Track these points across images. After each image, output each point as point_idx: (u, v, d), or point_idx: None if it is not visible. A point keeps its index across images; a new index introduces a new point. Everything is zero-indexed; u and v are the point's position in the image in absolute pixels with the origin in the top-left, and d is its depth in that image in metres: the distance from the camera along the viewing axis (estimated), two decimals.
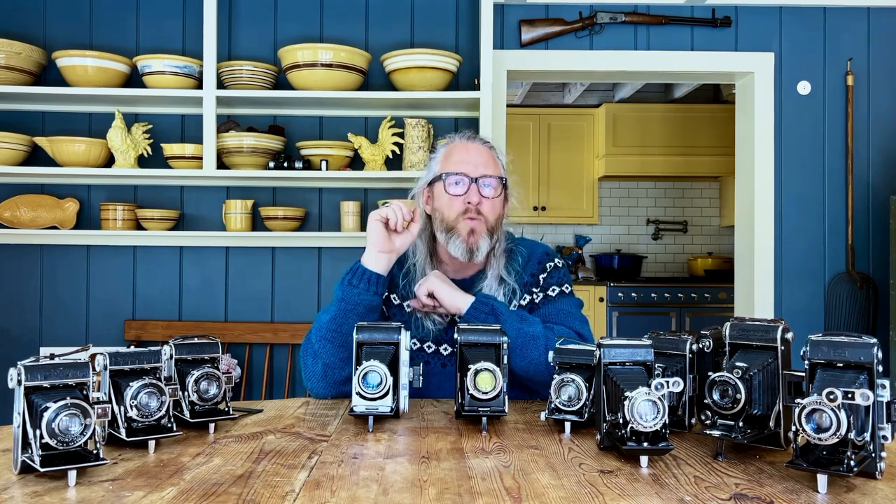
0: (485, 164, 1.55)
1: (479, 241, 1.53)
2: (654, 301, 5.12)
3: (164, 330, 3.04)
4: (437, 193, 1.58)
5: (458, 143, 1.60)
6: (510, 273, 1.58)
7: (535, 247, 1.67)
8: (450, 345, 1.55)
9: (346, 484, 0.88)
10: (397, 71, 2.87)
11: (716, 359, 1.15)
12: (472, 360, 1.20)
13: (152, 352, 1.09)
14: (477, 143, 1.60)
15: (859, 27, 3.31)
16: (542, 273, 1.61)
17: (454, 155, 1.58)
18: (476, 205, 1.52)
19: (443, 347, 1.56)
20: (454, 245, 1.54)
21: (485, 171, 1.54)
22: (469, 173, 1.53)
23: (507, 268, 1.59)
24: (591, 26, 3.22)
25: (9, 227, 3.00)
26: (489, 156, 1.58)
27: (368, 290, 1.47)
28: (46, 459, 0.88)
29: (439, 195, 1.57)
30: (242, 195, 3.10)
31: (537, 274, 1.61)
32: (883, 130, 3.31)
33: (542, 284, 1.60)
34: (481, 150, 1.58)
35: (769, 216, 3.29)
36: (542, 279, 1.61)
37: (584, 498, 0.84)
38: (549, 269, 1.62)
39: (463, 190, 1.53)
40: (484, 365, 1.16)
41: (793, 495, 0.84)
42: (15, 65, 2.81)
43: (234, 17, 3.11)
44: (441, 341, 1.56)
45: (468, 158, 1.56)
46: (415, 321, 1.56)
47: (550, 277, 1.61)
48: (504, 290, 1.57)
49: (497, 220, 1.57)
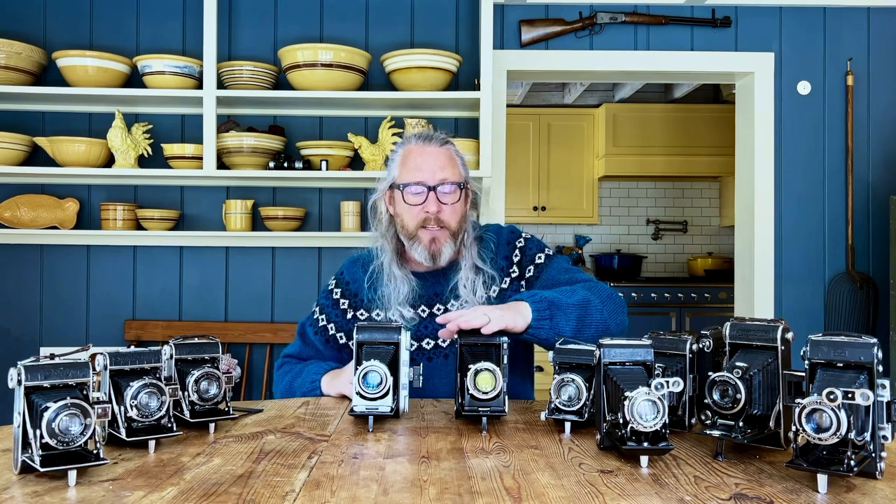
0: (442, 167, 1.52)
1: (442, 248, 1.53)
2: (654, 301, 5.12)
3: (164, 330, 3.04)
4: (397, 200, 1.56)
5: (414, 146, 1.57)
6: (484, 261, 1.57)
7: (500, 230, 1.66)
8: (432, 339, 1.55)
9: (346, 484, 0.88)
10: (397, 71, 2.87)
11: (716, 359, 1.15)
12: (472, 360, 1.20)
13: (152, 352, 1.09)
14: (434, 144, 1.56)
15: (859, 27, 3.31)
16: (513, 254, 1.61)
17: (410, 160, 1.54)
18: (436, 213, 1.51)
19: (441, 341, 1.55)
20: (417, 251, 1.54)
21: (442, 175, 1.51)
22: (426, 181, 1.50)
23: (480, 255, 1.58)
24: (591, 26, 3.22)
25: (9, 227, 3.00)
26: (446, 158, 1.54)
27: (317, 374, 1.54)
28: (46, 459, 0.88)
29: (399, 202, 1.55)
30: (242, 195, 3.10)
31: (510, 255, 1.61)
32: (883, 130, 3.31)
33: (520, 262, 1.60)
34: (438, 153, 1.54)
35: (769, 216, 3.29)
36: (516, 259, 1.60)
37: (584, 498, 0.84)
38: (520, 245, 1.62)
39: (421, 200, 1.51)
40: (484, 365, 1.16)
41: (793, 495, 0.84)
42: (15, 65, 2.81)
43: (234, 17, 3.11)
44: (422, 337, 1.55)
45: (424, 164, 1.52)
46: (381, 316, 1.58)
47: (525, 254, 1.61)
48: (483, 277, 1.56)
49: (459, 222, 1.55)
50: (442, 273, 1.59)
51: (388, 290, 1.56)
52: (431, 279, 1.59)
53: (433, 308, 1.56)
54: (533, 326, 1.35)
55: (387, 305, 1.56)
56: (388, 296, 1.56)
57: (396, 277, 1.56)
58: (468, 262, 1.57)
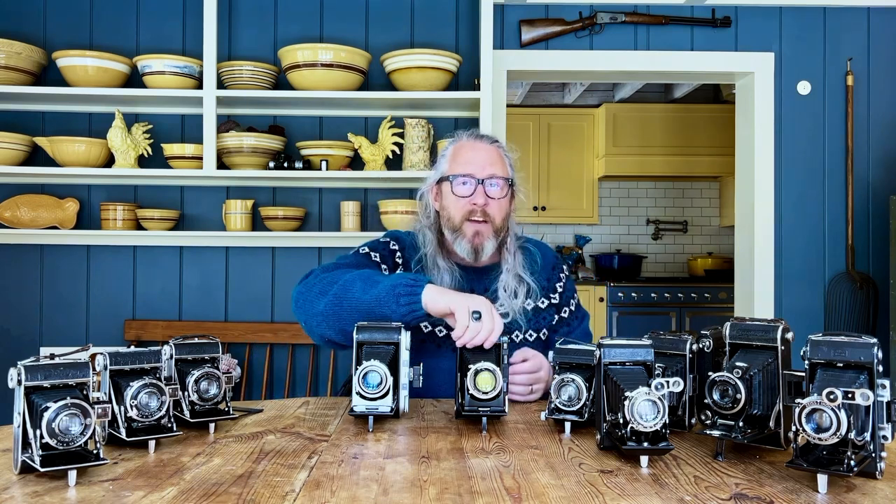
0: (492, 163, 1.56)
1: (485, 243, 1.55)
2: (654, 301, 5.12)
3: (165, 330, 3.04)
4: (445, 193, 1.59)
5: (465, 142, 1.61)
6: (530, 273, 1.62)
7: (545, 249, 1.72)
8: (445, 328, 1.53)
9: (346, 484, 0.88)
10: (397, 71, 2.87)
11: (716, 359, 1.15)
12: (472, 360, 1.20)
13: (152, 352, 1.09)
14: (484, 141, 1.61)
15: (859, 27, 3.31)
16: (557, 281, 1.68)
17: (461, 154, 1.58)
18: (482, 206, 1.53)
19: (438, 329, 1.55)
20: (460, 245, 1.56)
21: (492, 171, 1.55)
22: (476, 174, 1.54)
23: (523, 265, 1.61)
24: (591, 26, 3.22)
25: (9, 227, 3.00)
26: (497, 155, 1.59)
27: (405, 317, 1.32)
28: (47, 459, 0.88)
29: (446, 195, 1.58)
30: (242, 195, 3.10)
31: (552, 280, 1.68)
32: (883, 130, 3.31)
33: (561, 294, 1.67)
34: (489, 149, 1.59)
35: (769, 216, 3.29)
36: (559, 287, 1.68)
37: (584, 498, 0.84)
38: (563, 279, 1.69)
39: (469, 191, 1.54)
40: (484, 365, 1.16)
41: (793, 495, 0.84)
42: (15, 65, 2.81)
43: (234, 17, 3.11)
44: (437, 323, 1.55)
45: (475, 158, 1.56)
46: None
47: (566, 291, 1.69)
48: (524, 288, 1.59)
49: (504, 219, 1.58)
50: (483, 272, 1.61)
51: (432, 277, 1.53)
52: (473, 274, 1.60)
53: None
54: None
55: None
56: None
57: (441, 268, 1.57)
58: (511, 267, 1.59)
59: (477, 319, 1.24)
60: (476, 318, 1.24)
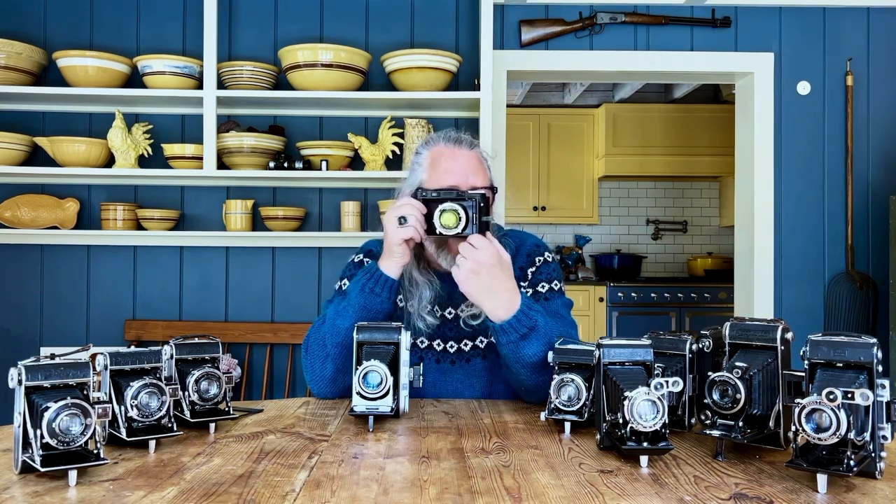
0: (474, 172, 1.49)
1: None
2: (654, 301, 5.12)
3: (165, 330, 3.04)
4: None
5: (443, 149, 1.53)
6: None
7: (525, 238, 1.63)
8: (443, 341, 1.53)
9: (347, 484, 0.89)
10: (397, 71, 2.87)
11: (716, 359, 1.15)
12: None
13: (153, 352, 1.09)
14: (463, 147, 1.53)
15: (859, 27, 3.31)
16: (530, 267, 1.57)
17: (440, 164, 1.50)
18: None
19: (436, 343, 1.54)
20: (443, 259, 1.50)
21: (474, 181, 1.48)
22: (458, 185, 1.46)
23: None
24: (591, 26, 3.23)
25: (9, 227, 3.00)
26: (477, 161, 1.52)
27: (390, 299, 1.41)
28: (47, 459, 0.88)
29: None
30: (242, 195, 3.10)
31: (525, 267, 1.57)
32: (883, 130, 3.31)
33: (531, 279, 1.56)
34: (469, 155, 1.51)
35: (769, 216, 3.29)
36: (531, 273, 1.57)
37: (584, 498, 0.84)
38: (539, 263, 1.58)
39: None
40: (450, 206, 1.34)
41: (793, 495, 0.84)
42: (15, 65, 2.81)
43: (234, 17, 3.11)
44: (434, 337, 1.54)
45: (455, 168, 1.49)
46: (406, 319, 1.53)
47: (539, 273, 1.57)
48: None
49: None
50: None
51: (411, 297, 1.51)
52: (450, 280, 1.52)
53: (445, 311, 1.55)
54: (502, 329, 1.33)
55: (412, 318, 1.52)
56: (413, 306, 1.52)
57: (419, 283, 1.51)
58: None
59: (403, 224, 1.36)
60: (402, 223, 1.37)
